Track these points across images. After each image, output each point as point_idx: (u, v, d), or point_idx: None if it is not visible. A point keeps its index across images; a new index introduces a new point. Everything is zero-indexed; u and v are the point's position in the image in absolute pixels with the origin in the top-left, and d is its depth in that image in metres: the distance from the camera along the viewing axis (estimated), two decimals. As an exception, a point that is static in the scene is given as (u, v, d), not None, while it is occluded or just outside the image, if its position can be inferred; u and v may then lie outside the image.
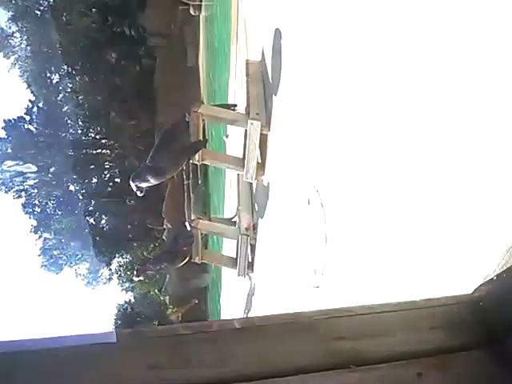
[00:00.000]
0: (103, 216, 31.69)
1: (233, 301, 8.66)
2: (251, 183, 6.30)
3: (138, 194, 5.50)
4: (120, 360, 0.93)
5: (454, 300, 1.18)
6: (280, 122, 4.73)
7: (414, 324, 1.04)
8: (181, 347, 0.95)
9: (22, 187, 32.81)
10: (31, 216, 32.35)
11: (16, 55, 31.84)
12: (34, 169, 31.07)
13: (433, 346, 1.00)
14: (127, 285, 33.25)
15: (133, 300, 32.99)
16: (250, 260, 6.55)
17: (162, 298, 25.87)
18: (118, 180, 31.22)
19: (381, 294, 2.04)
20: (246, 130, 5.26)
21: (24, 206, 32.44)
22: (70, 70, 28.98)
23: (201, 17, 20.21)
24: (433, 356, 0.96)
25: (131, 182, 5.42)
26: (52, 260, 33.62)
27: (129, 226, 30.13)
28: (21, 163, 31.08)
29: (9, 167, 31.60)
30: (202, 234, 7.00)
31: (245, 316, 6.78)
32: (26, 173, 31.56)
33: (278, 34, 4.73)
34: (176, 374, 0.91)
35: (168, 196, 20.65)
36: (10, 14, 30.16)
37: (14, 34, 31.49)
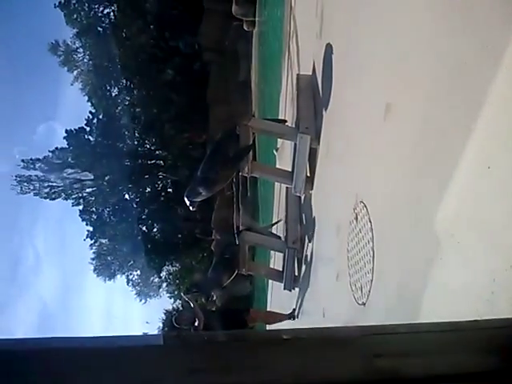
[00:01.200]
0: (155, 224, 32.58)
1: (278, 309, 8.64)
2: (300, 197, 6.30)
3: (191, 208, 5.67)
4: (162, 362, 0.97)
5: (502, 323, 1.15)
6: (330, 136, 4.73)
7: (458, 346, 1.02)
8: (222, 354, 0.99)
9: (80, 195, 34.41)
10: (88, 222, 33.80)
11: (79, 69, 33.64)
12: (91, 177, 32.52)
13: (476, 370, 0.98)
14: (176, 293, 33.85)
15: (180, 308, 33.49)
16: (296, 274, 6.53)
17: (208, 308, 26.13)
18: (170, 190, 32.09)
19: (426, 317, 1.99)
20: (295, 144, 5.30)
21: (82, 212, 33.97)
22: (128, 83, 30.30)
23: (254, 32, 20.59)
24: (475, 382, 0.94)
25: (186, 199, 5.57)
26: (105, 265, 34.86)
27: (179, 236, 30.78)
28: (79, 171, 32.63)
29: (68, 174, 33.24)
30: (248, 246, 7.07)
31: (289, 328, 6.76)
32: (84, 180, 33.09)
33: (328, 48, 4.75)
34: (215, 380, 0.94)
35: (217, 207, 20.95)
36: (75, 30, 31.98)
37: (78, 50, 33.33)
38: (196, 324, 6.27)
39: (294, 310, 6.55)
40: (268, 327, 7.26)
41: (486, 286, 1.54)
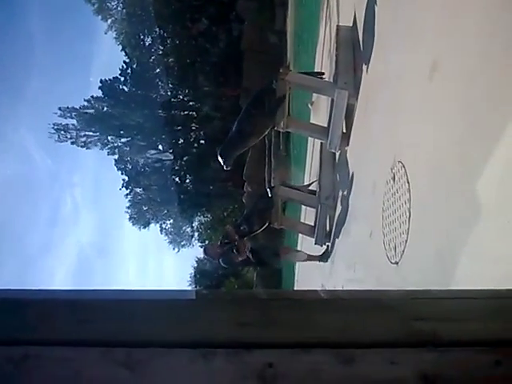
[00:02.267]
0: (188, 175, 33.09)
1: (309, 267, 8.82)
2: (334, 153, 6.26)
3: (225, 168, 5.67)
4: (212, 315, 1.05)
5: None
6: (368, 92, 4.62)
7: (498, 313, 1.05)
8: (268, 310, 1.06)
9: (115, 144, 35.10)
10: (123, 172, 34.63)
11: (112, 18, 33.39)
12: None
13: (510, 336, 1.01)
14: (207, 242, 34.82)
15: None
16: (327, 230, 6.60)
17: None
18: (202, 142, 32.27)
19: (461, 281, 2.01)
20: (332, 99, 5.20)
21: (117, 162, 34.78)
22: (162, 33, 29.92)
23: (291, -22, 19.75)
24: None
25: (219, 157, 5.58)
26: (140, 214, 35.96)
27: (210, 187, 31.23)
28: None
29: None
30: (281, 200, 7.13)
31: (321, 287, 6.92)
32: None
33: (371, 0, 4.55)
34: (264, 333, 1.01)
35: (250, 160, 21.01)
36: (109, -21, 31.52)
37: (112, -2, 32.94)
38: (233, 255, 6.38)
39: (326, 251, 6.63)
40: (297, 264, 7.65)
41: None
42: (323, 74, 6.33)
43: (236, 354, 0.99)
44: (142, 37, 32.22)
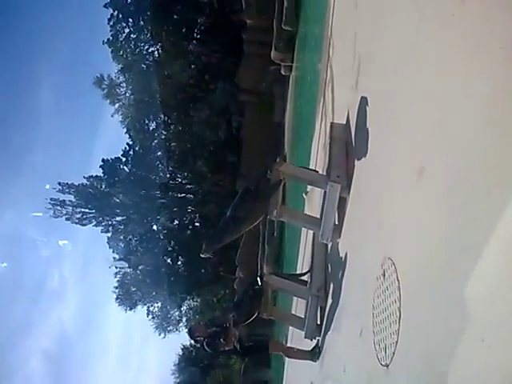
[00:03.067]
0: (180, 257, 32.73)
1: (298, 362, 8.42)
2: (326, 245, 6.25)
3: (203, 255, 5.62)
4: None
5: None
6: (361, 187, 4.72)
7: None
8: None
9: (110, 222, 35.09)
10: (114, 250, 34.31)
11: (120, 103, 35.13)
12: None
13: None
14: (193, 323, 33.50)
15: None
16: (318, 323, 6.39)
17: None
18: (197, 224, 32.35)
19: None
20: (325, 192, 5.31)
21: (109, 239, 34.57)
22: (166, 119, 31.32)
23: (291, 77, 21.10)
24: None
25: (204, 246, 5.62)
26: (127, 294, 34.98)
27: (202, 271, 30.76)
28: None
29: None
30: (271, 289, 6.98)
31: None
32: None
33: (363, 101, 4.82)
34: None
35: (243, 245, 20.93)
36: (120, 66, 33.63)
37: (121, 84, 34.92)
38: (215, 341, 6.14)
39: (316, 346, 6.34)
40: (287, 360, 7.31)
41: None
42: (317, 171, 6.52)
43: None
44: (146, 121, 33.66)
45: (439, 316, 2.25)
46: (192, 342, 6.76)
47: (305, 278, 7.19)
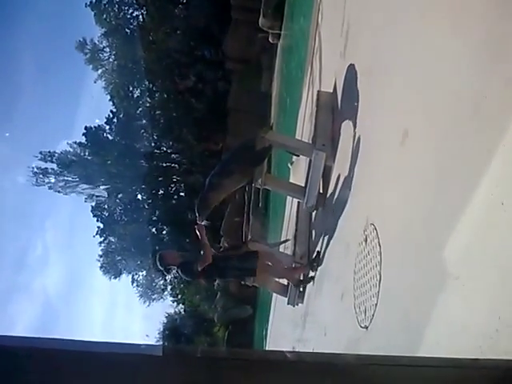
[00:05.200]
0: (165, 227, 32.73)
1: (281, 323, 8.60)
2: (310, 213, 6.29)
3: (200, 221, 5.33)
4: (160, 373, 0.98)
5: (503, 364, 1.14)
6: (345, 156, 4.73)
7: (456, 383, 1.01)
8: (222, 371, 1.00)
9: (93, 191, 34.75)
10: (99, 219, 34.07)
11: (103, 68, 34.20)
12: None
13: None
14: (179, 297, 33.87)
15: (183, 312, 33.53)
16: (301, 290, 6.50)
17: (210, 314, 26.13)
18: (182, 194, 32.26)
19: (428, 348, 1.97)
20: (310, 160, 5.31)
21: (94, 208, 34.30)
22: (150, 86, 30.67)
23: (278, 45, 20.75)
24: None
25: (196, 212, 5.42)
26: (112, 263, 35.03)
27: (187, 240, 30.85)
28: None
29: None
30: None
31: (291, 348, 6.69)
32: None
33: (351, 69, 4.77)
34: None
35: (228, 215, 21.01)
36: (103, 30, 32.59)
37: (104, 49, 33.92)
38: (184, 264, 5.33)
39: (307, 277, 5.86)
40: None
41: (490, 323, 1.52)
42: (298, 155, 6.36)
43: (180, 417, 0.92)
44: (130, 88, 32.92)
45: (418, 278, 2.30)
46: (164, 272, 5.70)
47: (290, 247, 7.27)
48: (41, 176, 34.40)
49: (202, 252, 5.23)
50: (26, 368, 0.97)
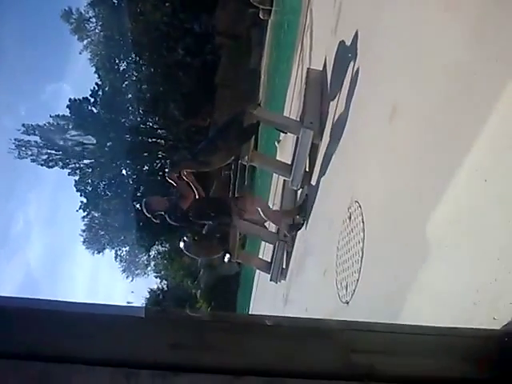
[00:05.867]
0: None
1: (263, 299, 8.72)
2: (296, 191, 6.31)
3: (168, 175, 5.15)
4: (145, 334, 0.99)
5: (481, 333, 1.17)
6: (332, 134, 4.72)
7: (436, 350, 1.03)
8: (205, 333, 1.00)
9: (77, 165, 34.30)
10: (82, 194, 33.75)
11: (89, 39, 33.36)
12: (94, 141, 32.14)
13: (450, 375, 0.99)
14: (162, 272, 34.01)
15: (166, 288, 33.73)
16: (284, 267, 6.57)
17: (193, 291, 26.33)
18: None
19: (410, 321, 2.01)
20: (297, 138, 5.29)
21: (77, 182, 33.91)
22: (137, 59, 30.08)
23: (269, 21, 20.45)
24: (449, 384, 0.96)
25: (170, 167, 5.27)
26: (95, 238, 34.89)
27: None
28: (83, 134, 32.27)
29: (72, 136, 32.99)
30: (240, 233, 7.08)
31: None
32: (86, 144, 32.77)
33: (342, 46, 4.73)
34: (196, 357, 0.95)
35: (213, 194, 20.96)
36: (90, -1, 31.70)
37: (90, 19, 33.03)
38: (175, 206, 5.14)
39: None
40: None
41: (469, 295, 1.55)
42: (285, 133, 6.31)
43: (162, 377, 0.92)
44: (116, 61, 32.24)
45: (399, 254, 2.33)
46: (152, 218, 5.42)
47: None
48: (23, 148, 33.79)
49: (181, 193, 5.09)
50: (11, 328, 0.96)
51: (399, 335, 1.04)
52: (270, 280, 6.71)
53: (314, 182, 5.35)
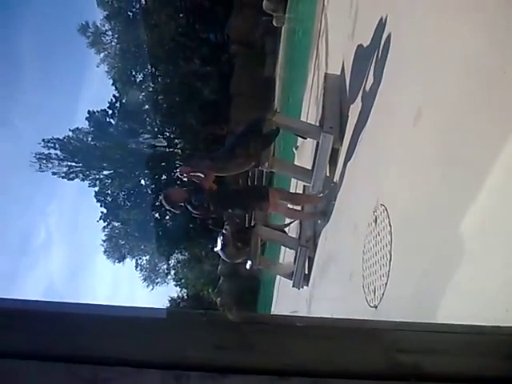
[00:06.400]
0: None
1: (284, 305, 8.67)
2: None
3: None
4: (190, 336, 1.00)
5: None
6: (353, 138, 4.71)
7: (481, 349, 1.02)
8: (247, 334, 1.01)
9: (97, 176, 34.79)
10: (102, 204, 34.16)
11: (106, 52, 33.94)
12: (113, 152, 32.15)
13: (495, 374, 0.98)
14: (182, 281, 34.14)
15: (186, 296, 33.81)
16: (306, 272, 6.53)
17: (213, 298, 26.33)
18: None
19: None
20: (317, 143, 5.29)
21: (97, 194, 34.36)
22: (153, 70, 30.48)
23: (283, 28, 20.55)
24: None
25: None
26: (116, 248, 35.23)
27: (190, 225, 30.95)
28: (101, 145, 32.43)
29: (91, 148, 33.39)
30: (261, 241, 7.07)
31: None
32: (105, 155, 33.06)
33: (360, 50, 4.73)
34: (241, 358, 0.96)
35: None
36: (106, 13, 32.27)
37: (107, 32, 33.62)
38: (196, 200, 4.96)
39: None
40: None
41: (505, 297, 1.53)
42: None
43: (212, 379, 0.93)
44: (133, 73, 32.72)
45: (429, 256, 2.31)
46: (172, 210, 5.35)
47: (295, 230, 7.28)
48: (44, 162, 34.39)
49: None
50: (55, 331, 0.98)
51: (444, 334, 1.03)
52: (293, 286, 6.67)
53: (335, 187, 5.33)
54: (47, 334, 0.99)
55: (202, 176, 5.05)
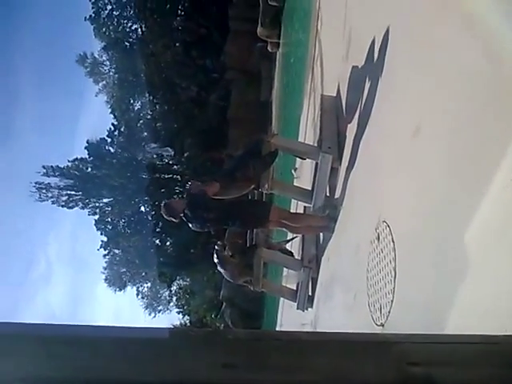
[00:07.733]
0: (168, 238, 32.71)
1: (289, 328, 8.53)
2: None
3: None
4: (196, 354, 0.98)
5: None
6: (352, 157, 4.74)
7: (493, 359, 1.01)
8: (255, 351, 0.99)
9: (97, 204, 34.81)
10: (102, 232, 34.08)
11: (104, 82, 34.46)
12: (112, 180, 32.23)
13: (512, 384, 0.97)
14: (185, 308, 33.75)
15: (188, 323, 33.37)
16: (310, 294, 6.47)
17: (217, 324, 26.01)
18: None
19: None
20: (316, 163, 5.32)
21: (97, 222, 34.31)
22: (151, 98, 30.88)
23: (278, 53, 20.91)
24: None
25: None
26: (117, 275, 34.97)
27: (191, 251, 30.82)
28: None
29: (91, 176, 33.50)
30: (263, 262, 7.02)
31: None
32: (104, 183, 33.17)
33: (355, 71, 4.81)
34: (250, 376, 0.95)
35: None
36: (103, 43, 32.91)
37: (105, 63, 34.22)
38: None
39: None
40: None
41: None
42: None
43: (220, 397, 0.92)
44: (131, 101, 33.14)
45: (435, 271, 2.30)
46: (173, 220, 5.23)
47: (297, 251, 7.25)
48: (44, 191, 34.48)
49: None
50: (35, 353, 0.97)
51: (456, 346, 1.02)
52: (297, 308, 6.60)
53: (335, 206, 5.33)
54: (50, 357, 0.98)
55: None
